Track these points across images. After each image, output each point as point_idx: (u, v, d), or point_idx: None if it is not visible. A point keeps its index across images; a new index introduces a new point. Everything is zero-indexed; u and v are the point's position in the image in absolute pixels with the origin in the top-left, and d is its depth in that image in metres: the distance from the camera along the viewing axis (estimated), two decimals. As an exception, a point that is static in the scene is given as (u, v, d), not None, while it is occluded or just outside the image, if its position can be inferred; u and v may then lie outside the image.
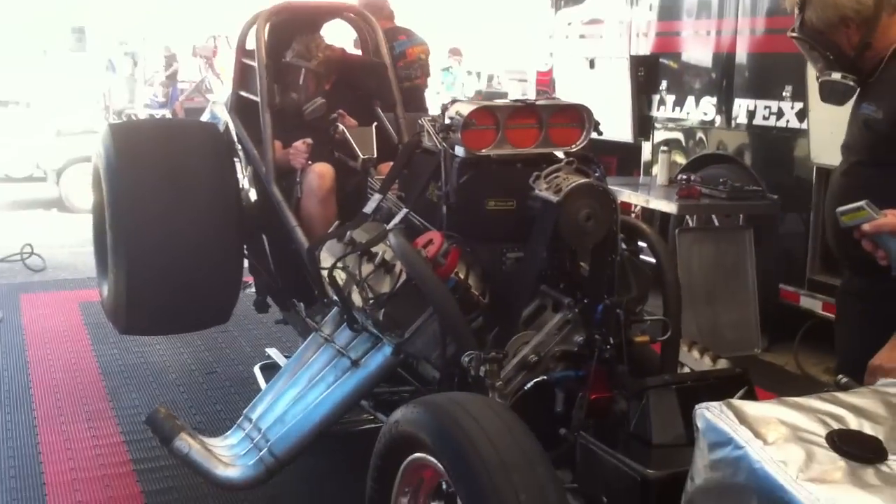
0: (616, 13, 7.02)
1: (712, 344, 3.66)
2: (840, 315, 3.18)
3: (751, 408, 2.00)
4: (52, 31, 17.92)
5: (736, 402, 2.02)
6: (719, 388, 2.53)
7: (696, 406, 2.02)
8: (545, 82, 8.02)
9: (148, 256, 3.95)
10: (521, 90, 11.93)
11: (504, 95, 14.11)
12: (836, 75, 2.98)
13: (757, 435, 1.90)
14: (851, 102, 3.03)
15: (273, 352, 5.01)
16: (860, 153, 2.97)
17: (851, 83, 2.97)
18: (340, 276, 3.26)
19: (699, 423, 2.00)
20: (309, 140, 4.02)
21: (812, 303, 5.19)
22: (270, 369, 4.70)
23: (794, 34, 3.05)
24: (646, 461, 2.38)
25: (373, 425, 3.80)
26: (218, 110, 4.94)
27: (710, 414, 1.98)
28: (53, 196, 10.16)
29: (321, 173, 3.92)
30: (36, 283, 6.84)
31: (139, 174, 4.00)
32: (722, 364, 3.10)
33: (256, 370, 4.78)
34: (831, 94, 3.06)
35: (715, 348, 3.29)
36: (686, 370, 3.10)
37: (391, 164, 4.06)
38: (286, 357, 4.70)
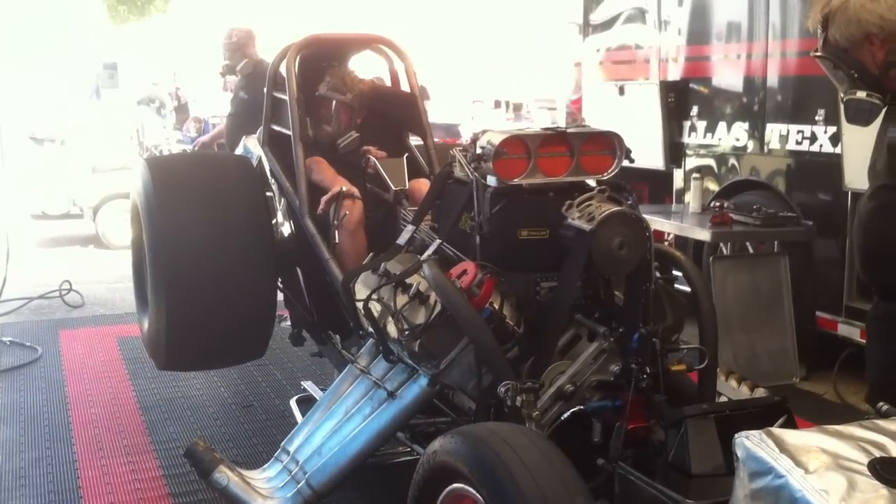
0: (645, 39, 7.04)
1: (749, 373, 3.64)
2: (870, 339, 3.15)
3: (791, 436, 1.99)
4: (85, 69, 18.26)
5: (776, 430, 2.01)
6: (758, 416, 2.52)
7: (736, 435, 2.01)
8: (576, 110, 8.04)
9: (187, 292, 3.97)
10: (550, 119, 11.95)
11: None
12: (861, 94, 2.96)
13: (798, 463, 1.89)
14: (878, 124, 3.00)
15: (309, 385, 5.02)
16: (885, 177, 2.95)
17: (877, 101, 2.94)
18: (375, 307, 3.28)
19: (739, 452, 1.99)
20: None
21: (850, 330, 5.13)
22: (306, 402, 4.72)
23: (818, 54, 3.03)
24: (685, 491, 2.37)
25: (409, 457, 3.80)
26: (251, 144, 4.99)
27: (750, 443, 1.97)
28: (90, 233, 10.27)
29: (348, 206, 3.94)
30: (74, 319, 6.91)
31: (177, 208, 4.03)
32: (760, 393, 3.08)
33: (293, 403, 4.80)
34: (857, 114, 3.03)
35: (752, 377, 3.27)
36: (723, 399, 3.08)
37: (420, 179, 4.11)
38: (322, 390, 4.72)
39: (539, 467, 2.15)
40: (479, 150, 3.11)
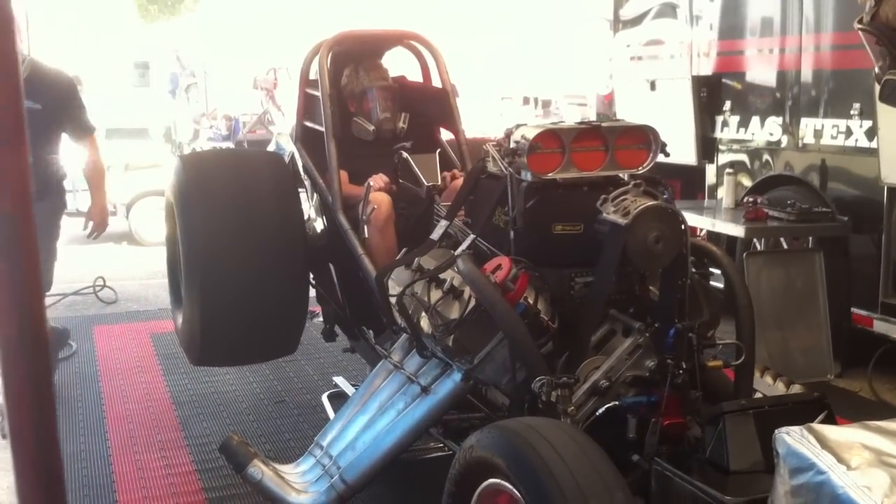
0: (676, 33, 6.98)
1: (783, 370, 3.60)
2: None
3: (833, 432, 1.97)
4: (116, 67, 18.45)
5: (817, 426, 1.99)
6: (797, 413, 2.50)
7: (777, 431, 1.99)
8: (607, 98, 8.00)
9: (221, 288, 4.00)
10: (580, 115, 11.89)
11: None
12: None
13: (840, 460, 1.87)
14: None
15: (340, 380, 5.04)
16: None
17: None
18: (409, 302, 3.27)
19: (779, 449, 1.98)
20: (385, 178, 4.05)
21: (886, 327, 5.07)
22: (338, 398, 4.75)
23: (863, 26, 2.97)
24: (723, 488, 2.35)
25: (441, 453, 3.80)
26: (283, 141, 5.01)
27: (791, 439, 1.95)
28: (123, 230, 10.36)
29: (377, 203, 3.94)
30: (108, 315, 6.96)
31: (211, 205, 4.06)
32: (795, 390, 3.05)
33: (324, 399, 4.82)
34: (893, 94, 2.98)
35: (786, 374, 3.24)
36: (758, 396, 3.05)
37: (454, 173, 4.10)
38: (353, 385, 4.74)
39: (577, 462, 2.14)
40: (513, 145, 3.11)
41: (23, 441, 1.31)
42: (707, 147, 6.55)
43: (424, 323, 3.21)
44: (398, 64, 4.82)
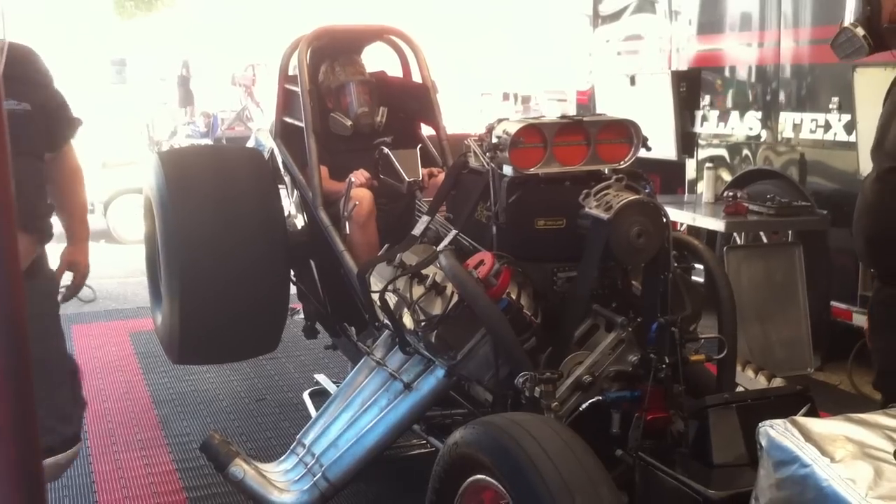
0: (655, 28, 7.00)
1: (763, 363, 3.62)
2: (873, 326, 3.12)
3: (816, 425, 1.97)
4: (93, 65, 18.37)
5: (801, 419, 1.99)
6: (780, 406, 2.50)
7: (760, 424, 1.99)
8: (585, 101, 8.01)
9: (201, 285, 3.97)
10: (560, 110, 11.91)
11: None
12: (861, 31, 2.92)
13: (824, 452, 1.87)
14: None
15: (321, 378, 5.02)
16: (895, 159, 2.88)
17: (866, 46, 2.91)
18: (391, 299, 3.26)
19: (763, 442, 1.98)
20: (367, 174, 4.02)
21: (865, 320, 5.09)
22: (319, 395, 4.73)
23: None
24: (707, 482, 2.35)
25: (424, 450, 3.79)
26: (263, 137, 4.98)
27: (775, 432, 1.95)
28: (101, 228, 10.27)
29: (358, 199, 3.91)
30: (87, 314, 6.89)
31: (190, 202, 4.03)
32: (777, 383, 3.06)
33: (305, 396, 4.80)
34: (841, 47, 3.00)
35: (767, 368, 3.25)
36: (740, 389, 3.06)
37: (431, 170, 4.09)
38: (334, 383, 4.72)
39: (562, 457, 2.13)
40: (494, 140, 3.10)
41: (2, 439, 1.28)
42: (687, 142, 6.57)
43: (407, 319, 3.19)
44: (380, 60, 4.80)
